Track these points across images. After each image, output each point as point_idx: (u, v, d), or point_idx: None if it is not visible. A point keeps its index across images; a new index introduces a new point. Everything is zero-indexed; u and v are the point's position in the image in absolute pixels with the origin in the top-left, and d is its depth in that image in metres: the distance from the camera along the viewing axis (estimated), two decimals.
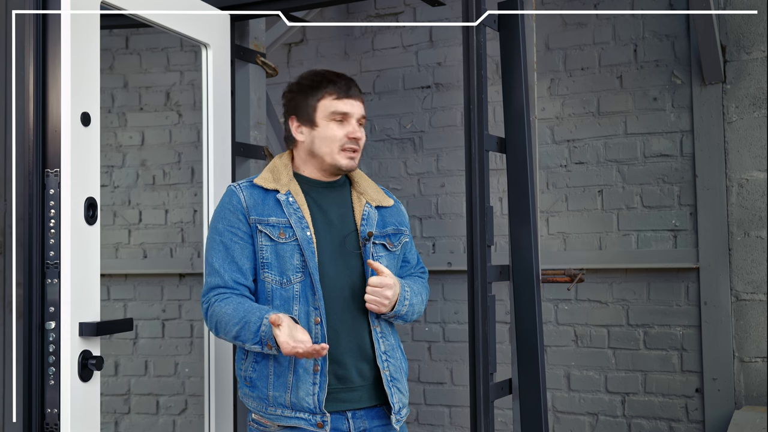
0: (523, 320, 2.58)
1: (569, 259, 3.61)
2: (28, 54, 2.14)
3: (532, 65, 2.65)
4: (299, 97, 2.26)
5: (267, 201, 2.21)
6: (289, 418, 2.14)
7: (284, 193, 2.21)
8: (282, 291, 2.16)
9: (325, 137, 2.23)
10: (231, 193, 2.23)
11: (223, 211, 2.21)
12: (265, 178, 2.24)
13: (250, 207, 2.19)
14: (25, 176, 2.13)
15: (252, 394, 2.19)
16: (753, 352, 3.33)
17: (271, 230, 2.17)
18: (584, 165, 3.66)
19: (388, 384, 2.21)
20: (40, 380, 2.12)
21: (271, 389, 2.15)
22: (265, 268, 2.17)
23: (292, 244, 2.16)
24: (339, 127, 2.22)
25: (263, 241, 2.17)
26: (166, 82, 4.37)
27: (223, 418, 2.75)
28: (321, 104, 2.23)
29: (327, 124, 2.23)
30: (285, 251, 2.16)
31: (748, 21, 3.36)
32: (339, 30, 4.14)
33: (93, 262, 2.20)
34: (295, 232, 2.16)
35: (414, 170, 3.98)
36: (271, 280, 2.17)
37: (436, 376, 3.93)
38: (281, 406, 2.14)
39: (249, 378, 2.19)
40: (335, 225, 2.24)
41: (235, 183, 2.26)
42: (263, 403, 2.17)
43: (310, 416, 2.12)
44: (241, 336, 2.10)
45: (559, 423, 3.68)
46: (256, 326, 2.07)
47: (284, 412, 2.14)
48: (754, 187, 3.34)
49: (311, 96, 2.24)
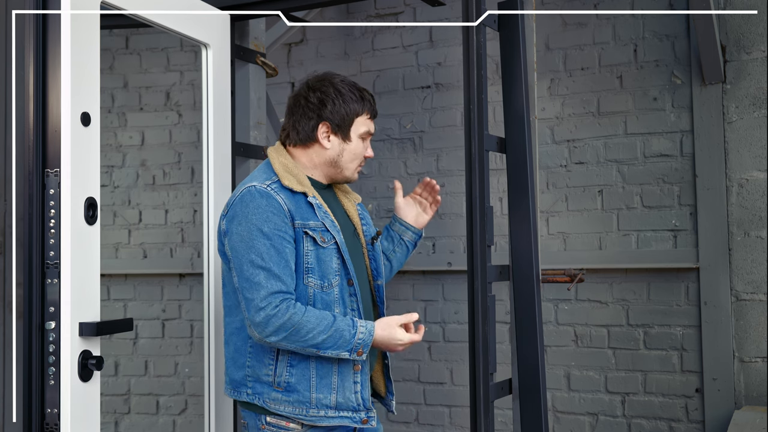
0: (523, 320, 2.58)
1: (569, 259, 3.61)
2: (28, 54, 2.14)
3: (532, 65, 2.65)
4: (338, 106, 2.23)
5: (300, 204, 2.17)
6: (333, 418, 2.16)
7: (312, 196, 2.20)
8: (323, 295, 2.16)
9: (353, 152, 2.26)
10: (266, 195, 2.13)
11: (264, 213, 2.11)
12: (291, 180, 2.19)
13: (292, 211, 2.14)
14: (25, 176, 2.13)
15: (288, 399, 2.15)
16: (753, 352, 3.33)
17: (315, 234, 2.16)
18: (584, 165, 3.66)
19: (388, 374, 2.36)
20: (40, 380, 2.12)
21: (315, 392, 2.15)
22: (308, 273, 2.15)
23: (331, 248, 2.18)
24: (363, 145, 2.29)
25: (309, 246, 2.15)
26: (166, 82, 4.37)
27: (223, 418, 2.75)
28: (360, 120, 2.26)
29: (358, 140, 2.26)
30: (325, 255, 2.17)
31: (748, 21, 3.36)
32: (339, 30, 4.14)
33: (93, 262, 2.20)
34: (333, 236, 2.18)
35: (414, 170, 3.98)
36: (313, 285, 2.15)
37: (436, 376, 3.93)
38: (325, 407, 2.15)
39: (285, 383, 2.15)
40: (343, 225, 2.28)
41: (261, 184, 2.16)
42: (303, 407, 2.15)
43: (354, 414, 2.18)
44: (326, 344, 2.09)
45: (559, 423, 3.68)
46: (350, 334, 2.10)
47: (328, 413, 2.16)
48: (754, 187, 3.34)
49: (352, 110, 2.24)
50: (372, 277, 2.35)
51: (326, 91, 2.24)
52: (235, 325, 2.22)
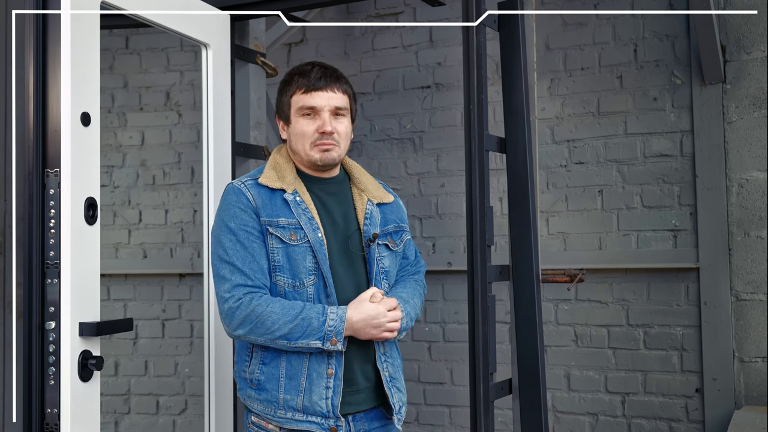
0: (523, 320, 2.58)
1: (569, 259, 3.61)
2: (28, 54, 2.14)
3: (532, 65, 2.65)
4: (279, 95, 2.23)
5: (274, 201, 2.14)
6: (300, 422, 2.09)
7: (291, 193, 2.14)
8: (295, 294, 2.10)
9: (297, 134, 2.18)
10: (237, 191, 2.13)
11: (231, 209, 2.11)
12: (270, 177, 2.16)
13: (259, 207, 2.11)
14: (25, 176, 2.13)
15: (259, 397, 2.12)
16: (753, 352, 3.33)
17: (282, 232, 2.11)
18: (584, 165, 3.66)
19: (387, 385, 2.19)
20: (40, 380, 2.12)
21: (282, 392, 2.09)
22: (277, 271, 2.11)
23: (303, 246, 2.11)
24: (309, 122, 2.16)
25: (274, 244, 2.11)
26: (166, 82, 4.37)
27: (223, 418, 2.75)
28: (293, 100, 2.19)
29: (298, 120, 2.18)
30: (297, 253, 2.10)
31: (748, 21, 3.36)
32: (339, 30, 4.14)
33: (93, 262, 2.20)
34: (306, 234, 2.11)
35: (414, 170, 3.98)
36: (283, 283, 2.11)
37: (436, 376, 3.93)
38: (292, 409, 2.09)
39: (256, 380, 2.13)
40: (339, 225, 2.20)
41: (237, 181, 2.17)
42: (271, 407, 2.11)
43: (323, 420, 2.08)
44: (294, 334, 2.03)
45: (559, 423, 3.68)
46: (319, 321, 2.04)
47: (295, 416, 2.09)
48: (754, 187, 3.34)
49: (285, 92, 2.21)
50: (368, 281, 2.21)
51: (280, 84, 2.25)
52: None
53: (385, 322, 2.10)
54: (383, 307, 2.10)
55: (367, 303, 2.09)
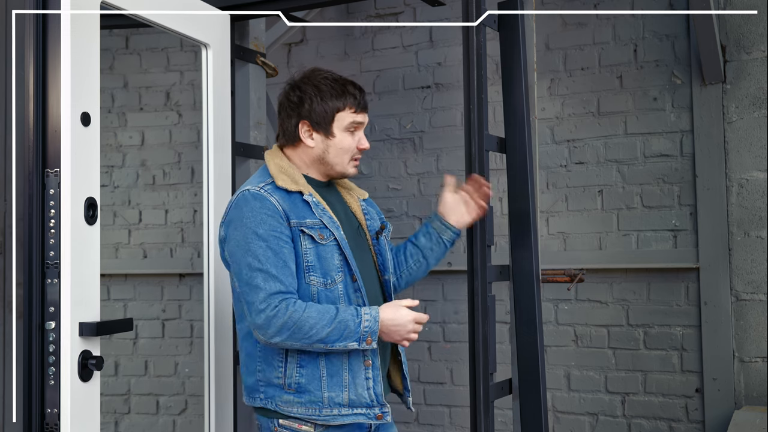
0: (523, 320, 2.58)
1: (569, 259, 3.61)
2: (28, 54, 2.14)
3: (532, 65, 2.65)
4: (316, 102, 2.20)
5: (296, 203, 2.16)
6: (347, 416, 2.14)
7: (308, 194, 2.18)
8: (327, 292, 2.14)
9: (340, 148, 2.23)
10: (259, 197, 2.13)
11: (258, 215, 2.10)
12: (286, 181, 2.18)
13: (286, 210, 2.13)
14: (25, 176, 2.13)
15: (300, 400, 2.13)
16: (753, 352, 3.33)
17: (312, 232, 2.15)
18: (584, 165, 3.66)
19: (404, 368, 2.32)
20: (40, 380, 2.12)
21: (326, 390, 2.13)
22: (309, 272, 2.14)
23: (330, 244, 2.16)
24: (351, 138, 2.24)
25: (307, 244, 2.13)
26: (166, 82, 4.37)
27: (223, 418, 2.75)
28: (340, 115, 2.21)
29: (342, 135, 2.22)
30: (326, 252, 2.15)
31: (748, 21, 3.36)
32: (339, 30, 4.14)
33: (93, 262, 2.20)
34: (333, 233, 2.16)
35: (414, 170, 3.98)
36: (316, 283, 2.14)
37: (436, 376, 3.93)
38: (338, 405, 2.13)
39: (295, 384, 2.14)
40: (345, 222, 2.27)
41: (254, 187, 2.16)
42: (316, 407, 2.13)
43: (368, 410, 2.16)
44: (331, 337, 2.06)
45: (559, 423, 3.68)
46: (355, 323, 2.08)
47: (341, 411, 2.14)
48: (754, 187, 3.34)
49: (331, 105, 2.20)
50: (380, 273, 2.33)
51: (305, 89, 2.22)
52: (246, 331, 2.21)
53: (411, 331, 2.15)
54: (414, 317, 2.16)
55: (405, 309, 2.14)
